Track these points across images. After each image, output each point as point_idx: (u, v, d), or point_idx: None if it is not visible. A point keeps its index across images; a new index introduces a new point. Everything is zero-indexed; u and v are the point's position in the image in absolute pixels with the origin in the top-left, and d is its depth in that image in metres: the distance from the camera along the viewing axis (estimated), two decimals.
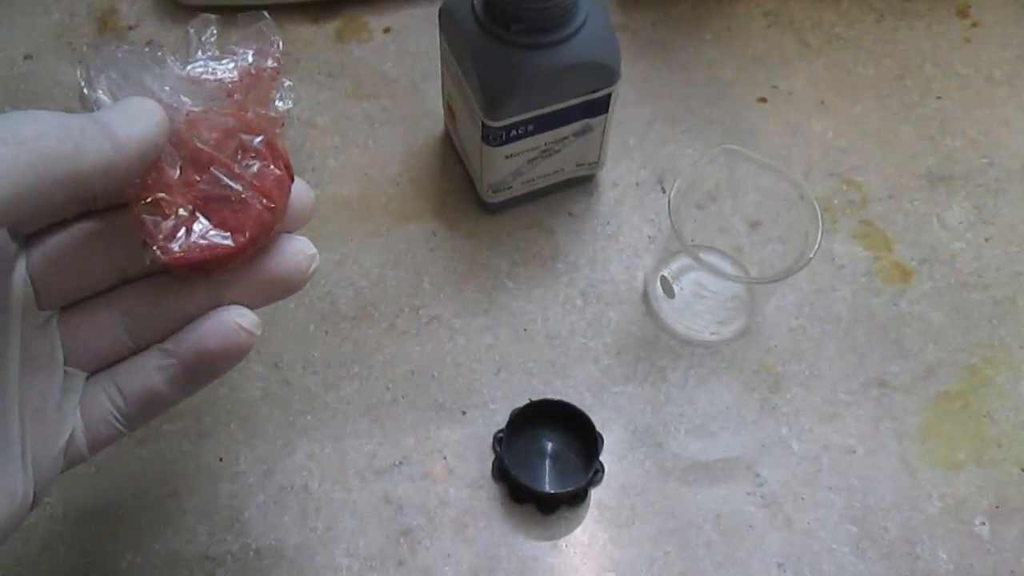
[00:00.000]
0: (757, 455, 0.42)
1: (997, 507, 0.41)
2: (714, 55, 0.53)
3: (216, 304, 0.29)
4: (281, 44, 0.29)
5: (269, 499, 0.41)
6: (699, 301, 0.44)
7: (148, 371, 0.29)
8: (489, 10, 0.38)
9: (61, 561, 0.39)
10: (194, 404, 0.43)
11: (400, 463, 0.42)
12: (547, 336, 0.45)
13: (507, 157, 0.43)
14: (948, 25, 0.55)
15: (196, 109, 0.27)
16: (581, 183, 0.48)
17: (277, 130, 0.29)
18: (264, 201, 0.28)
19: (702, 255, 0.45)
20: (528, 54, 0.38)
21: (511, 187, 0.45)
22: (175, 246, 0.27)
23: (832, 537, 0.40)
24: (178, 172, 0.27)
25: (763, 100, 0.52)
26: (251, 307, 0.30)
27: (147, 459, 0.41)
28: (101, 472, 0.41)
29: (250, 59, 0.28)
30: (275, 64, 0.28)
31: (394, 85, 0.52)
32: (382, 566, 0.39)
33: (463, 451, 0.42)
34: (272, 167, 0.28)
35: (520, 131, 0.41)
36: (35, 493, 0.27)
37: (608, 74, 0.40)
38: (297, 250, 0.31)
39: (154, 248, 0.27)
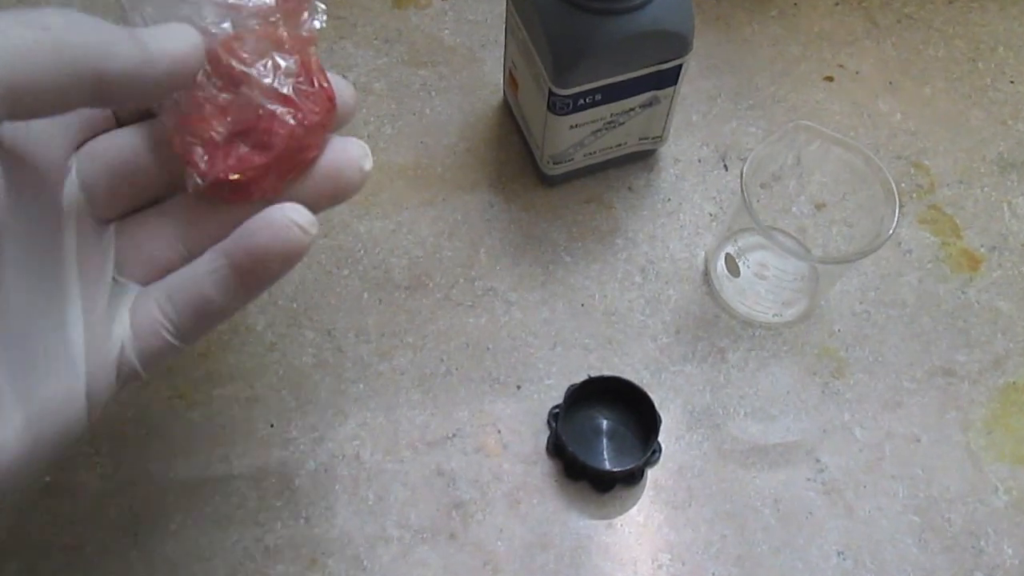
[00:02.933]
0: (818, 440, 0.41)
1: None
2: (779, 31, 0.52)
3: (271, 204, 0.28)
4: (325, 15, 0.29)
5: (320, 467, 0.40)
6: (762, 281, 0.43)
7: (198, 277, 0.28)
8: None
9: (111, 520, 0.39)
10: (245, 369, 0.42)
11: (453, 436, 0.41)
12: (605, 312, 0.44)
13: (571, 127, 0.42)
14: (1023, 7, 0.53)
15: (230, 31, 0.27)
16: (642, 158, 0.47)
17: (311, 49, 0.28)
18: (299, 115, 0.27)
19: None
20: (600, 19, 0.37)
21: (572, 159, 0.44)
22: (211, 169, 0.27)
23: (894, 527, 0.39)
24: (215, 94, 0.27)
25: (829, 79, 0.50)
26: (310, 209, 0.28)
27: (198, 423, 0.41)
28: (152, 434, 0.40)
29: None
30: (314, 22, 0.28)
31: (451, 53, 0.51)
32: (433, 539, 0.39)
33: (518, 426, 0.41)
34: (306, 85, 0.28)
35: (587, 100, 0.40)
36: (91, 406, 0.27)
37: (681, 43, 0.39)
38: (350, 147, 0.29)
39: (193, 174, 0.27)
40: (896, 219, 0.38)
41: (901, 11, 0.53)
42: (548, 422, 0.41)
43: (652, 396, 0.41)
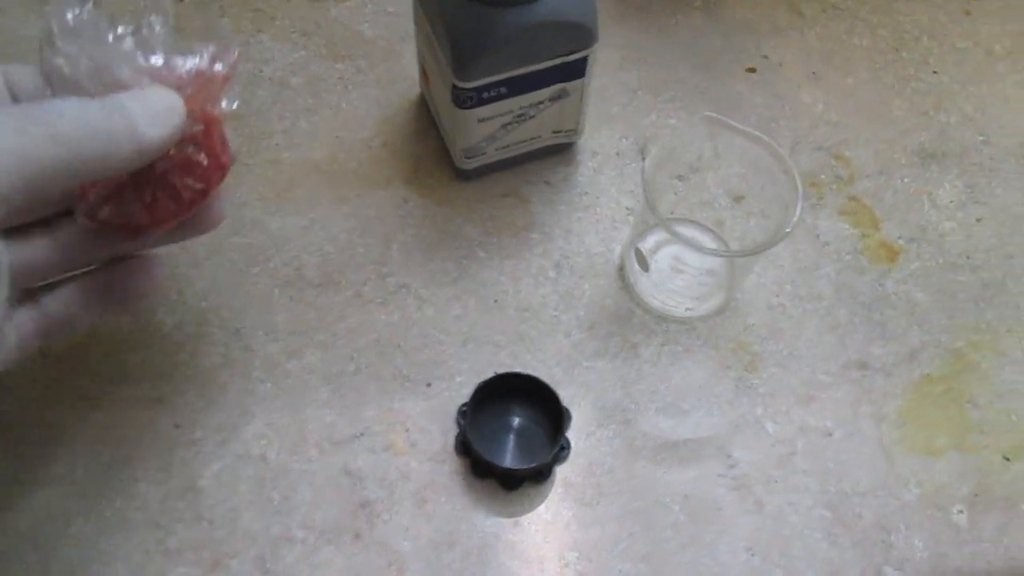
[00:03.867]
0: (730, 436, 0.41)
1: (976, 495, 0.40)
2: (702, 22, 0.51)
3: None
4: (237, 53, 0.31)
5: (225, 468, 0.40)
6: (676, 276, 0.42)
7: (68, 293, 0.32)
8: None
9: (9, 523, 0.38)
10: (152, 369, 0.41)
11: (361, 435, 0.40)
12: (518, 308, 0.43)
13: (480, 121, 0.41)
14: None
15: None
16: (560, 151, 0.47)
17: (218, 126, 0.32)
18: (188, 182, 0.31)
19: (680, 228, 0.44)
20: (500, 12, 0.36)
21: (485, 153, 0.44)
22: (99, 214, 0.31)
23: (804, 522, 0.39)
24: None
25: (752, 70, 0.50)
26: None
27: (101, 424, 0.40)
28: (55, 436, 0.40)
29: (206, 61, 0.31)
30: (228, 70, 0.31)
31: (370, 46, 0.50)
32: (339, 539, 0.38)
33: (426, 424, 0.41)
34: (203, 156, 0.31)
35: (493, 93, 0.40)
36: None
37: (584, 34, 0.39)
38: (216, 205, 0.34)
39: (81, 212, 0.31)
40: (799, 211, 0.38)
41: (827, 1, 0.53)
42: (456, 420, 0.41)
43: (563, 393, 0.41)
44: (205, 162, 0.31)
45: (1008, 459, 0.41)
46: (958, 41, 0.52)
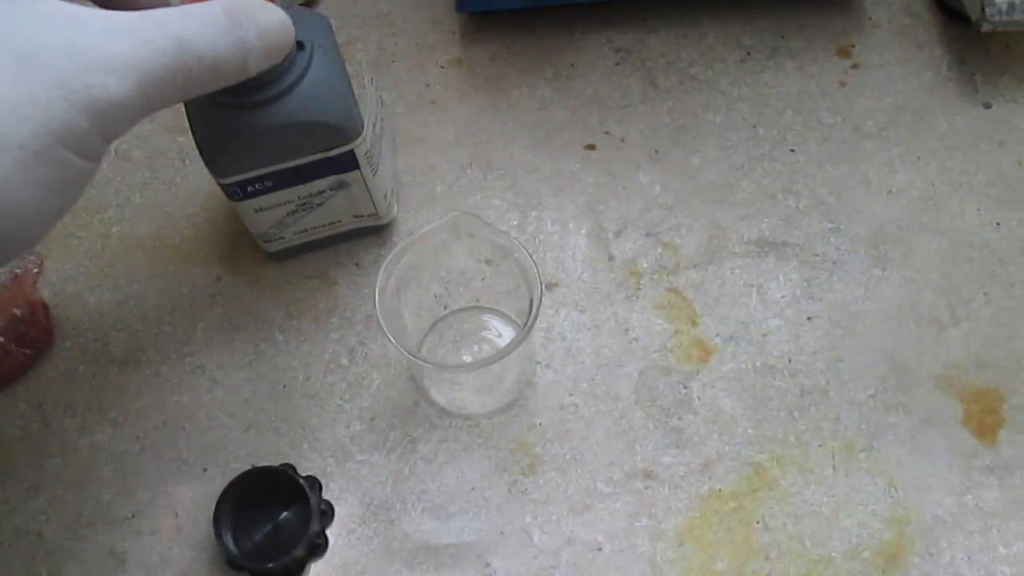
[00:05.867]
0: (493, 543, 0.40)
1: None
2: (549, 94, 0.49)
3: None
4: (42, 263, 0.46)
5: (4, 542, 0.41)
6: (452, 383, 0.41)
7: None
8: None
9: None
10: None
11: (133, 516, 0.41)
12: (305, 395, 0.43)
13: (258, 211, 0.41)
14: (824, 66, 0.49)
15: None
16: (375, 232, 0.46)
17: (40, 305, 0.44)
18: (23, 351, 0.44)
19: (474, 329, 0.43)
20: (235, 114, 0.36)
21: (283, 238, 0.44)
22: None
23: None
24: None
25: (591, 147, 0.48)
26: None
27: None
28: None
29: (15, 271, 0.45)
30: (37, 271, 0.45)
31: None
32: None
33: (195, 510, 0.41)
34: (30, 329, 0.44)
35: (258, 187, 0.40)
36: None
37: (337, 133, 0.38)
38: None
39: None
40: (530, 324, 0.36)
41: (686, 71, 0.50)
42: (216, 507, 0.41)
43: (332, 486, 0.40)
44: (34, 332, 0.44)
45: None
46: (825, 116, 0.48)
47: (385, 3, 0.53)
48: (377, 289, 0.37)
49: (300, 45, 0.37)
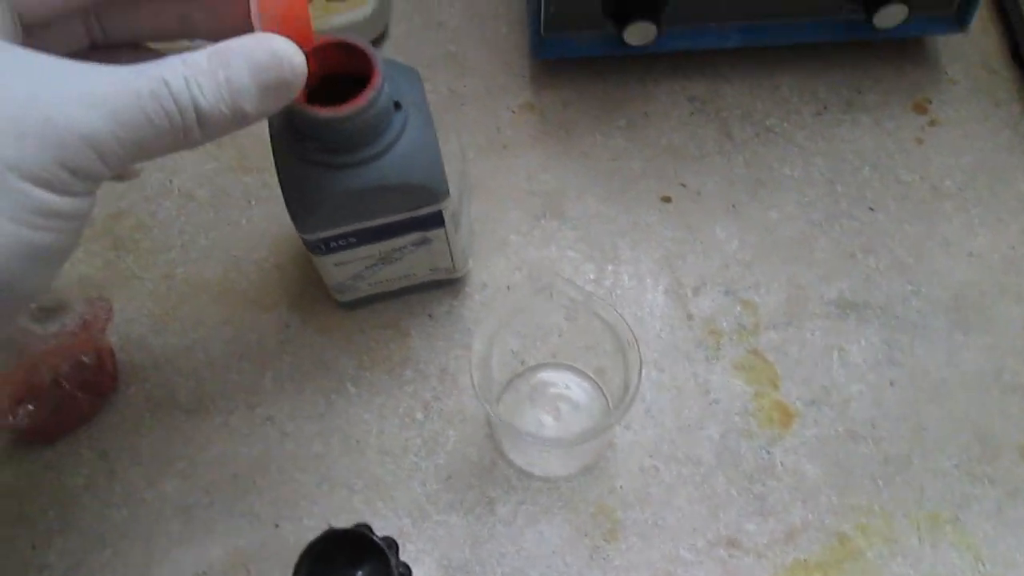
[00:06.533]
0: None
1: None
2: (623, 143, 0.49)
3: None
4: (112, 309, 0.44)
5: None
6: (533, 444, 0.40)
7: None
8: (288, 123, 0.36)
9: None
10: (18, 486, 0.43)
11: (204, 573, 0.40)
12: (379, 451, 0.42)
13: (337, 265, 0.40)
14: (900, 122, 0.49)
15: (47, 345, 0.41)
16: (448, 283, 0.45)
17: (108, 352, 0.43)
18: (89, 397, 0.43)
19: (551, 385, 0.42)
20: (328, 173, 0.35)
21: (357, 288, 0.43)
22: (14, 419, 0.40)
23: None
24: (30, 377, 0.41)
25: (667, 199, 0.47)
26: None
27: None
28: None
29: (85, 317, 0.42)
30: (107, 317, 0.43)
31: None
32: None
33: (268, 568, 0.40)
34: (96, 376, 0.43)
35: (341, 243, 0.39)
36: None
37: (427, 194, 0.37)
38: None
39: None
40: (631, 399, 0.35)
41: (762, 123, 0.49)
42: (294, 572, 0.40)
43: (409, 547, 0.40)
44: (100, 379, 0.43)
45: None
46: (903, 173, 0.47)
47: (453, 43, 0.52)
48: (474, 357, 0.36)
49: (397, 105, 0.36)
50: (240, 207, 0.49)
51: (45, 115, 0.24)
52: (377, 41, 0.52)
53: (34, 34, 0.30)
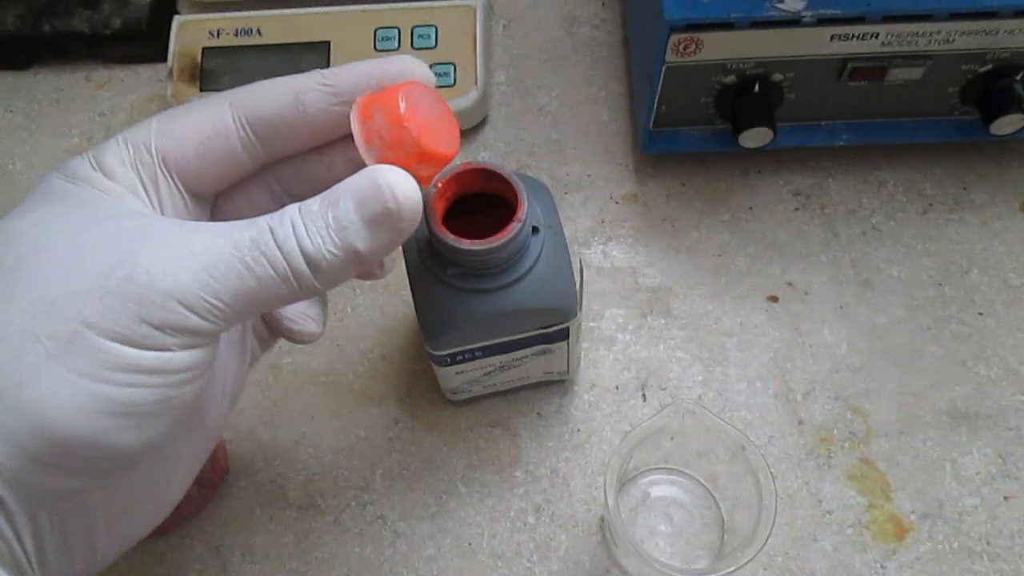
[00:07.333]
0: None
1: None
2: (728, 239, 0.49)
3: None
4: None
5: None
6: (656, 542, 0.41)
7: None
8: (430, 248, 0.36)
9: None
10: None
11: None
12: (491, 554, 0.43)
13: (458, 373, 0.41)
14: (1008, 222, 0.49)
15: None
16: (557, 382, 0.45)
17: (221, 447, 0.44)
18: (201, 491, 0.43)
19: (662, 488, 0.42)
20: (466, 297, 0.36)
21: (471, 391, 0.43)
22: None
23: None
24: None
25: (773, 299, 0.47)
26: None
27: None
28: None
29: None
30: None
31: None
32: None
33: None
34: (208, 470, 0.43)
35: (467, 356, 0.39)
36: None
37: (560, 315, 0.37)
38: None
39: None
40: (768, 537, 0.35)
41: (868, 220, 0.49)
42: None
43: None
44: (212, 473, 0.43)
45: None
46: (1012, 277, 0.47)
47: (555, 130, 0.52)
48: (608, 500, 0.36)
49: (535, 229, 0.36)
50: (345, 296, 0.49)
51: (127, 274, 0.24)
52: (478, 127, 0.52)
53: (220, 208, 0.30)
